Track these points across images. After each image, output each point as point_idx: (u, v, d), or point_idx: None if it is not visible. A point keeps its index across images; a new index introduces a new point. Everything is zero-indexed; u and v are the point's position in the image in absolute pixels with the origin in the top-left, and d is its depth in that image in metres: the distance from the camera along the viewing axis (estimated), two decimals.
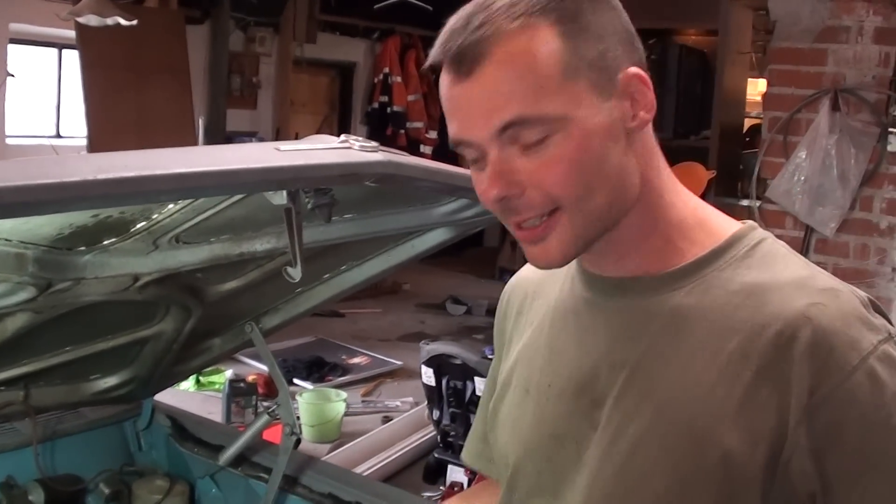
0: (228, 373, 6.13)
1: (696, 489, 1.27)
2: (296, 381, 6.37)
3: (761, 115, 5.60)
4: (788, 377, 1.23)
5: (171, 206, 2.00)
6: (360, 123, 11.03)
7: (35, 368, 2.72)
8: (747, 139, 6.05)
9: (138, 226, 2.09)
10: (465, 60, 1.25)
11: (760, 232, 1.39)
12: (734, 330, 1.28)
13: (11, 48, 7.15)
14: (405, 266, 2.79)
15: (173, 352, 2.85)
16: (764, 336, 1.25)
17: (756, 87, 6.31)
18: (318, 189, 1.83)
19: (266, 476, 2.88)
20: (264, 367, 6.22)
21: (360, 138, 1.81)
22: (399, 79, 10.83)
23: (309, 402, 5.55)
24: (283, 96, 9.79)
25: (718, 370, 1.27)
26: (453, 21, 1.28)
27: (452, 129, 1.31)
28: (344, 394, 5.80)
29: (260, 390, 5.79)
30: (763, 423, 1.23)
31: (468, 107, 1.27)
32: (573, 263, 1.43)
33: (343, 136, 1.80)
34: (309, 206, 1.84)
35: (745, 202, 5.58)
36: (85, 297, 2.28)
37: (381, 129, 10.63)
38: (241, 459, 2.98)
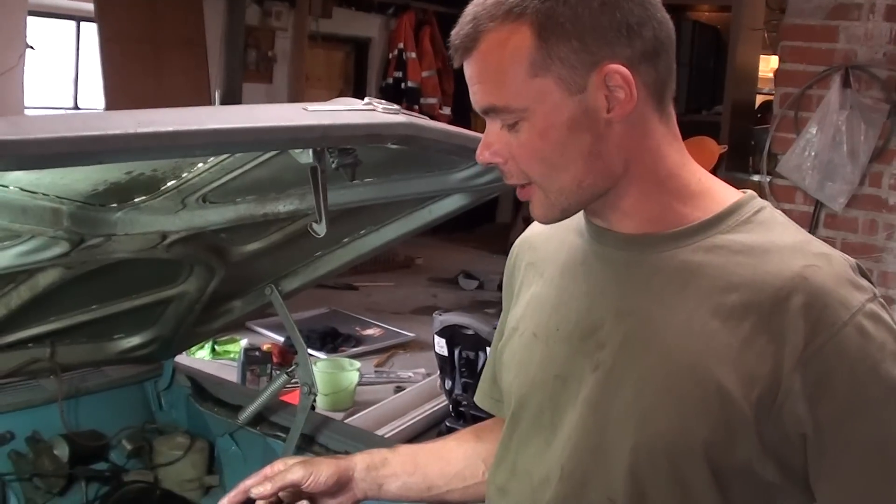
0: (244, 342, 6.21)
1: (695, 425, 1.39)
2: (310, 351, 6.42)
3: (773, 92, 5.65)
4: (784, 330, 1.36)
5: (200, 165, 2.07)
6: None
7: (62, 326, 2.79)
8: (759, 115, 6.10)
9: (168, 184, 2.16)
10: (460, 50, 1.43)
11: (760, 201, 1.52)
12: (735, 285, 1.41)
13: (31, 20, 7.20)
14: (422, 231, 2.86)
15: (195, 312, 2.92)
16: (763, 292, 1.38)
17: (768, 64, 6.36)
18: (342, 149, 1.90)
19: (283, 435, 2.95)
20: (279, 337, 6.31)
21: (384, 101, 1.89)
22: (414, 55, 10.88)
23: (323, 371, 5.62)
24: (299, 71, 9.85)
25: (720, 320, 1.40)
26: (466, 10, 1.44)
27: None
28: (357, 363, 5.87)
29: (274, 359, 5.85)
30: (759, 369, 1.36)
31: (469, 83, 1.45)
32: (582, 218, 1.56)
33: (367, 99, 1.89)
34: (333, 165, 1.91)
35: (755, 177, 5.65)
36: (115, 253, 2.34)
37: (396, 104, 10.65)
38: (259, 419, 3.05)
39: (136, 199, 2.21)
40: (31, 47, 7.10)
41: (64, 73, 8.08)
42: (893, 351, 1.38)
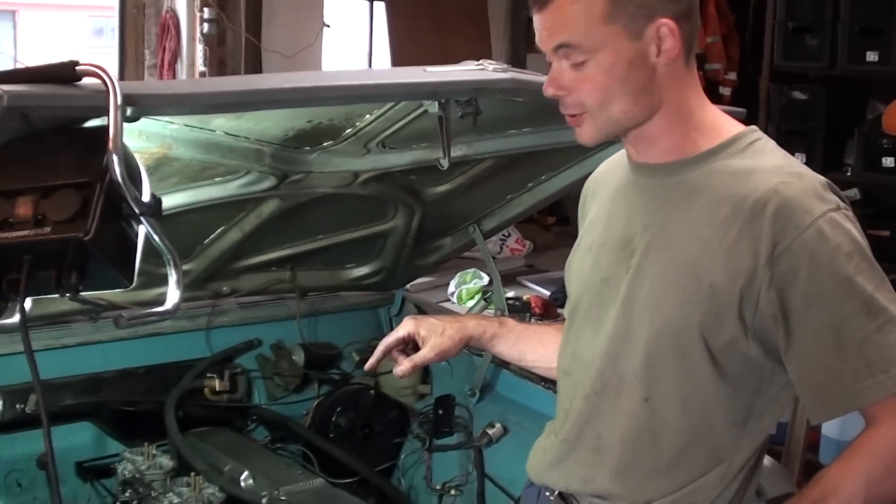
0: (510, 293, 6.66)
1: (693, 309, 1.83)
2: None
3: None
4: (760, 233, 1.77)
5: (367, 115, 2.59)
6: None
7: (294, 252, 3.39)
8: None
9: (346, 132, 2.69)
10: (540, 2, 1.82)
11: (758, 133, 1.93)
12: (727, 200, 1.82)
13: (327, 1, 7.89)
14: None
15: (408, 246, 3.47)
16: (746, 204, 1.80)
17: None
18: (465, 101, 2.38)
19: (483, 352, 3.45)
20: (544, 291, 6.74)
21: (495, 62, 2.36)
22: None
23: None
24: None
25: (714, 228, 1.82)
26: None
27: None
28: None
29: (535, 310, 6.27)
30: (741, 265, 1.78)
31: (541, 29, 1.85)
32: (627, 158, 2.00)
33: (481, 60, 2.37)
34: (459, 113, 2.40)
35: None
36: (317, 188, 2.91)
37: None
38: None
39: (324, 144, 2.76)
40: (328, 25, 7.78)
41: (359, 49, 8.74)
42: (848, 251, 1.75)
